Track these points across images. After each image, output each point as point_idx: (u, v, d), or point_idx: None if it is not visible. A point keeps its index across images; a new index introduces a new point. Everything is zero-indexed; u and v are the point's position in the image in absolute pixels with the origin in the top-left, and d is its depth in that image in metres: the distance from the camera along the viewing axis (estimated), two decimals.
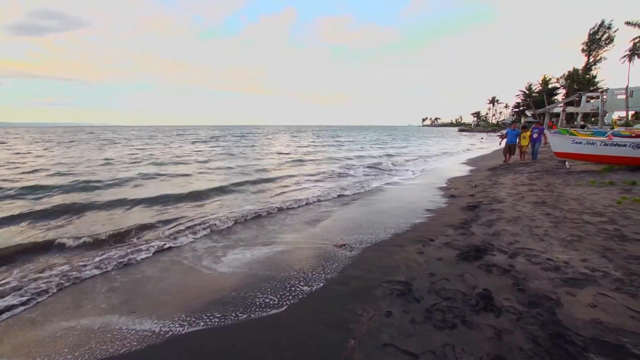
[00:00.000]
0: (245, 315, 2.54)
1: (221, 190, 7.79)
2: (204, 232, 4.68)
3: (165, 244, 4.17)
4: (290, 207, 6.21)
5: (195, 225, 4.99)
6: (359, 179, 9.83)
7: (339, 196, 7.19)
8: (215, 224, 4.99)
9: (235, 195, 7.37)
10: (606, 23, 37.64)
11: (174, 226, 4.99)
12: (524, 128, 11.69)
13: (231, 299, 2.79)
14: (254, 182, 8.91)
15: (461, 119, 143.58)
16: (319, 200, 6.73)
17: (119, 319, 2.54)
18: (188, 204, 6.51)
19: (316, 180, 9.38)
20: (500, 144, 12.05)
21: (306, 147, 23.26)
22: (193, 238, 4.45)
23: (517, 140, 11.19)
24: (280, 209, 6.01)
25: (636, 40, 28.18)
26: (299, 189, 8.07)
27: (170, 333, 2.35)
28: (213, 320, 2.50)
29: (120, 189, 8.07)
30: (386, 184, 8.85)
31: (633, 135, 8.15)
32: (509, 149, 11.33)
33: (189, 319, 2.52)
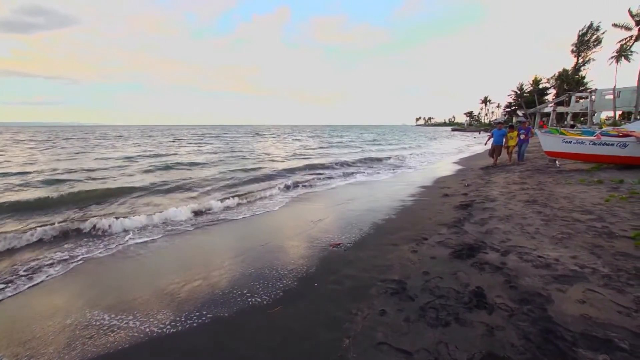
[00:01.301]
0: (239, 315, 2.53)
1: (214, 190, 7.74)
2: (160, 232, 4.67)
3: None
4: (284, 207, 6.20)
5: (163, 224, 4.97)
6: (354, 177, 9.87)
7: (334, 192, 7.20)
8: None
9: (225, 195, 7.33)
10: (594, 25, 38.47)
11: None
12: (511, 127, 11.22)
13: (224, 299, 2.77)
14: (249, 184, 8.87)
15: (454, 118, 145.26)
16: (314, 198, 6.73)
17: (106, 315, 2.50)
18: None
19: (314, 179, 9.39)
20: (485, 144, 11.45)
21: (307, 148, 22.69)
22: (150, 237, 4.46)
23: (504, 141, 10.84)
24: (272, 210, 5.99)
25: (623, 42, 28.84)
26: (298, 191, 8.06)
27: (162, 332, 2.33)
28: (205, 320, 2.48)
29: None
30: (379, 181, 8.89)
31: (620, 134, 8.33)
32: (494, 150, 10.95)
33: (179, 317, 2.50)
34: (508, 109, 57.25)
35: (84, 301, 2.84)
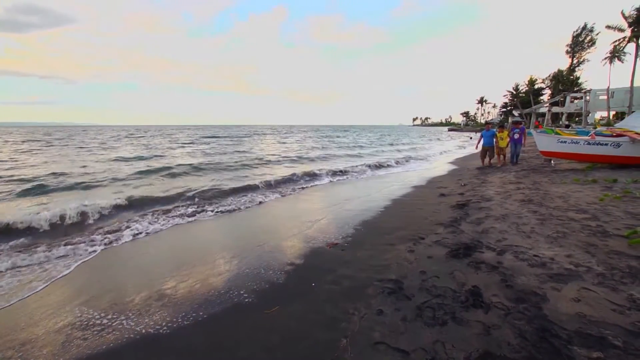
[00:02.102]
0: (236, 315, 2.52)
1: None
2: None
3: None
4: (281, 208, 6.18)
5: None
6: (351, 177, 9.88)
7: (331, 192, 7.20)
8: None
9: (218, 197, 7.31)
10: (589, 26, 38.92)
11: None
12: (501, 127, 10.57)
13: (220, 298, 2.76)
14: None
15: (450, 118, 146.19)
16: (311, 198, 6.72)
17: (104, 313, 2.48)
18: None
19: (312, 180, 9.38)
20: (476, 147, 10.93)
21: (306, 149, 22.11)
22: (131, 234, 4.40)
23: (495, 142, 10.33)
24: (269, 211, 5.98)
25: (616, 43, 29.17)
26: (296, 192, 8.05)
27: (157, 332, 2.32)
28: (201, 319, 2.47)
29: None
30: (376, 181, 8.91)
31: (614, 134, 8.43)
32: (486, 152, 10.56)
33: (175, 317, 2.49)
34: (504, 109, 57.59)
35: (80, 301, 2.82)
